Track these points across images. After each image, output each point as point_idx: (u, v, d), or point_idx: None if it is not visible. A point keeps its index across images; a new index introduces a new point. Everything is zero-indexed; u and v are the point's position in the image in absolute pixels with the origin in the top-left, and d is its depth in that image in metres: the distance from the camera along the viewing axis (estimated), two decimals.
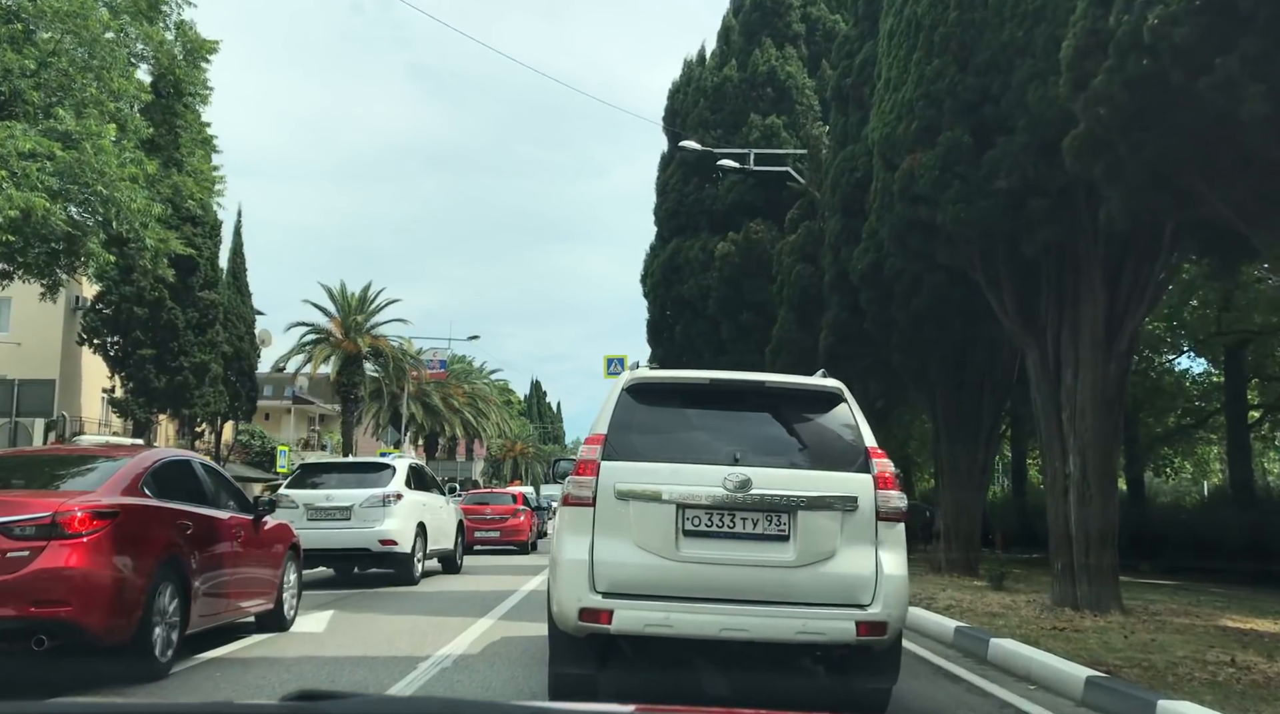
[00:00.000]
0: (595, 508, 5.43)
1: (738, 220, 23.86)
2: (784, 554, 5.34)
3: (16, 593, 5.68)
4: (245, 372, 44.42)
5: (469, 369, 64.55)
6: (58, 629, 5.83)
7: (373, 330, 45.70)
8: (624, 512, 5.40)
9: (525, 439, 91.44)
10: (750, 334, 23.68)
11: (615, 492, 5.41)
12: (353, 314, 45.02)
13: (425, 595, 12.32)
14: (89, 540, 5.90)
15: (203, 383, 35.48)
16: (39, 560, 5.76)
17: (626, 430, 5.62)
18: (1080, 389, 11.11)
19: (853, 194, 16.05)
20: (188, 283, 34.48)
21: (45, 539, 5.80)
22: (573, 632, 5.42)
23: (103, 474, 6.65)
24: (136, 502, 6.52)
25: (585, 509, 5.45)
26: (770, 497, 5.36)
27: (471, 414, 58.89)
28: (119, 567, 6.07)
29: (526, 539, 22.97)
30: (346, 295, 45.71)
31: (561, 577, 5.45)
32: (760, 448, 5.61)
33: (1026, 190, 10.37)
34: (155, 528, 6.60)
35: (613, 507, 5.41)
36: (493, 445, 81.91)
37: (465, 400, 58.20)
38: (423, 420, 53.45)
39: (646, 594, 5.31)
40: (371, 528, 13.12)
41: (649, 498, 5.38)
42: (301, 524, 12.10)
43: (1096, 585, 10.87)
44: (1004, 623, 9.35)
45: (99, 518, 6.02)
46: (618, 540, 5.37)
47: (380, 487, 13.50)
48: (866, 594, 5.32)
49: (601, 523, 5.41)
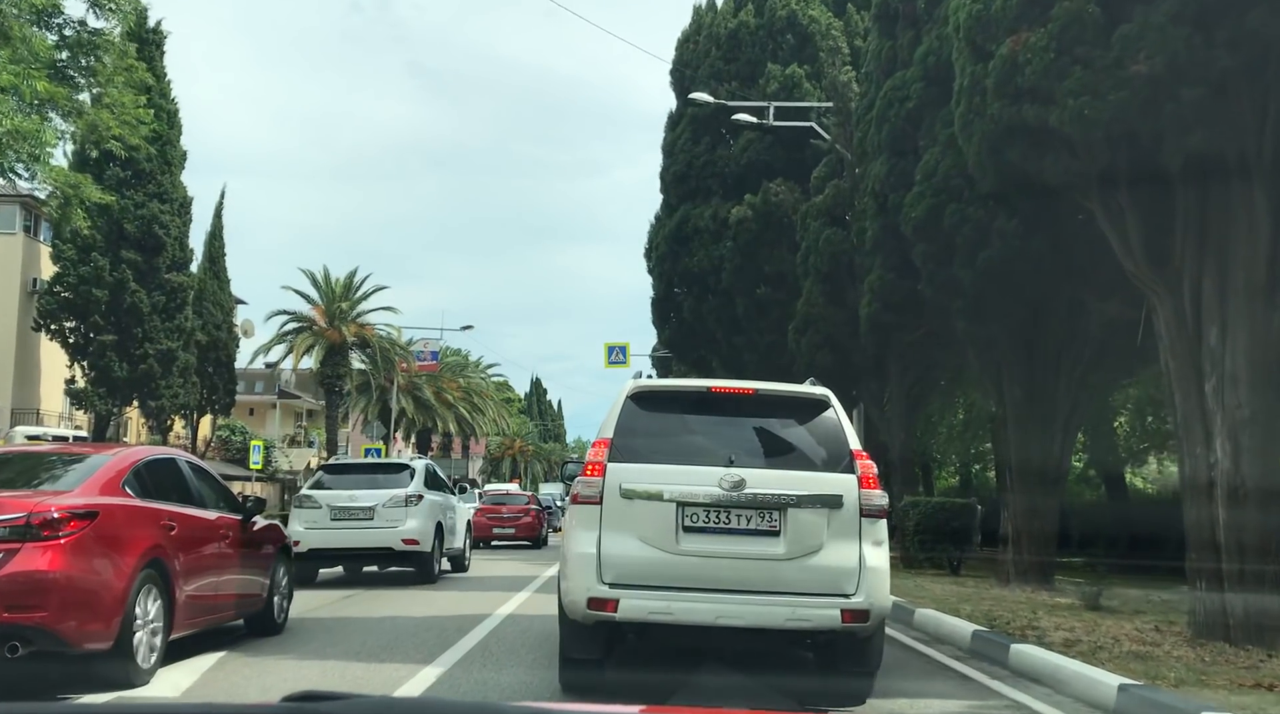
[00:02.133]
0: (602, 506, 5.88)
1: (754, 183, 21.12)
2: (775, 548, 5.80)
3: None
4: (223, 362, 41.58)
5: (464, 362, 61.75)
6: (33, 635, 5.54)
7: (359, 318, 42.90)
8: (629, 509, 5.86)
9: (525, 437, 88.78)
10: (769, 310, 20.97)
11: (621, 491, 5.86)
12: (337, 301, 42.20)
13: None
14: (66, 542, 5.69)
15: (170, 372, 32.64)
16: (12, 563, 5.54)
17: (631, 435, 6.05)
18: (1230, 352, 8.40)
19: (903, 130, 13.33)
20: (153, 263, 31.72)
21: (19, 541, 5.59)
22: (581, 620, 5.89)
23: (82, 473, 6.42)
24: (117, 502, 6.30)
25: (593, 507, 5.91)
26: (763, 496, 5.80)
27: (466, 409, 56.13)
28: (98, 570, 5.86)
29: (537, 535, 25.49)
30: (330, 281, 42.91)
31: (571, 569, 5.92)
32: (753, 451, 6.07)
33: (1174, 78, 7.63)
34: (137, 529, 6.34)
35: (618, 505, 5.86)
36: (491, 443, 79.29)
37: (460, 395, 55.43)
38: (414, 415, 50.60)
39: (649, 585, 5.77)
40: (395, 528, 13.32)
41: (651, 497, 5.84)
42: (325, 524, 13.06)
43: (1256, 613, 8.14)
44: (1174, 672, 6.60)
45: (76, 519, 5.80)
46: (623, 536, 5.83)
47: (402, 488, 13.65)
48: (851, 584, 5.75)
49: (608, 520, 5.86)
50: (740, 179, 21.63)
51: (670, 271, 22.97)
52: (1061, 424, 13.48)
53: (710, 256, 21.57)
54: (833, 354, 18.74)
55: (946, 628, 8.97)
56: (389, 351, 43.61)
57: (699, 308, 22.45)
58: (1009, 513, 13.73)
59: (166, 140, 32.29)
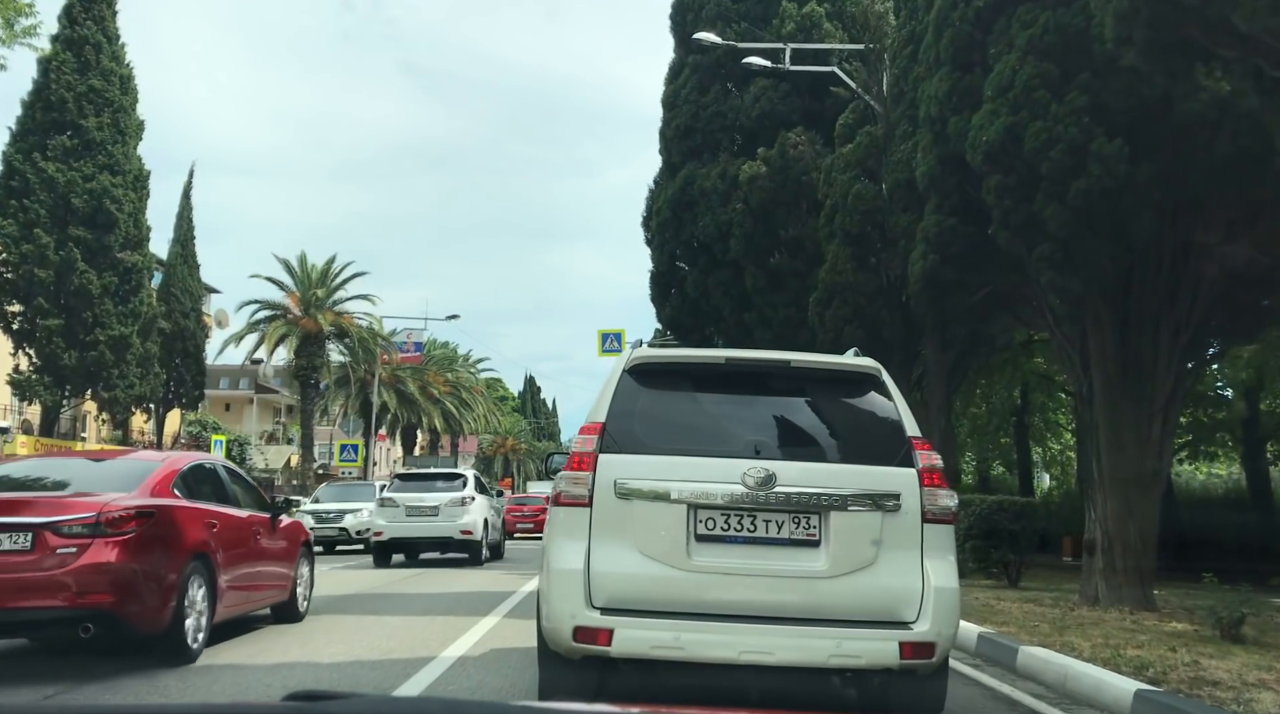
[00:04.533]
0: (592, 508, 4.75)
1: (768, 137, 18.47)
2: (814, 563, 4.67)
3: (66, 585, 6.09)
4: (190, 353, 38.84)
5: (452, 356, 59.05)
6: (101, 619, 6.19)
7: (336, 307, 40.17)
8: (626, 513, 4.72)
9: (517, 434, 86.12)
10: (784, 281, 18.33)
11: (616, 489, 4.74)
12: (313, 288, 39.47)
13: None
14: (128, 538, 6.33)
15: (125, 360, 29.85)
16: (85, 556, 6.18)
17: (629, 418, 4.90)
18: None
19: (970, 36, 10.71)
20: (104, 242, 28.95)
21: (90, 537, 6.22)
22: (565, 653, 4.74)
23: (138, 477, 7.04)
24: (169, 502, 6.94)
25: (580, 510, 4.75)
26: (798, 495, 4.67)
27: (454, 404, 53.42)
28: (155, 562, 6.50)
29: None
30: (306, 267, 40.16)
31: (553, 589, 4.74)
32: (785, 438, 5.00)
33: None
34: (185, 526, 6.97)
35: (613, 507, 4.73)
36: (483, 441, 76.56)
37: (446, 389, 52.72)
38: (397, 410, 47.85)
39: (653, 610, 4.62)
40: (454, 522, 16.95)
41: (655, 497, 4.71)
42: (401, 520, 16.78)
43: None
44: None
45: (137, 517, 6.45)
46: (619, 547, 4.70)
47: (459, 491, 17.40)
48: (911, 610, 4.61)
49: (599, 526, 4.74)
50: (752, 135, 18.97)
51: (672, 241, 20.28)
52: (1161, 405, 10.87)
53: (717, 221, 18.88)
54: (863, 329, 16.12)
55: (1083, 683, 6.24)
56: (369, 342, 40.89)
57: (704, 281, 19.79)
58: (1096, 515, 11.11)
59: (120, 107, 29.54)
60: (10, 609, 6.06)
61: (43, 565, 6.09)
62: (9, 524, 6.14)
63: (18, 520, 6.15)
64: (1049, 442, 37.20)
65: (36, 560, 6.09)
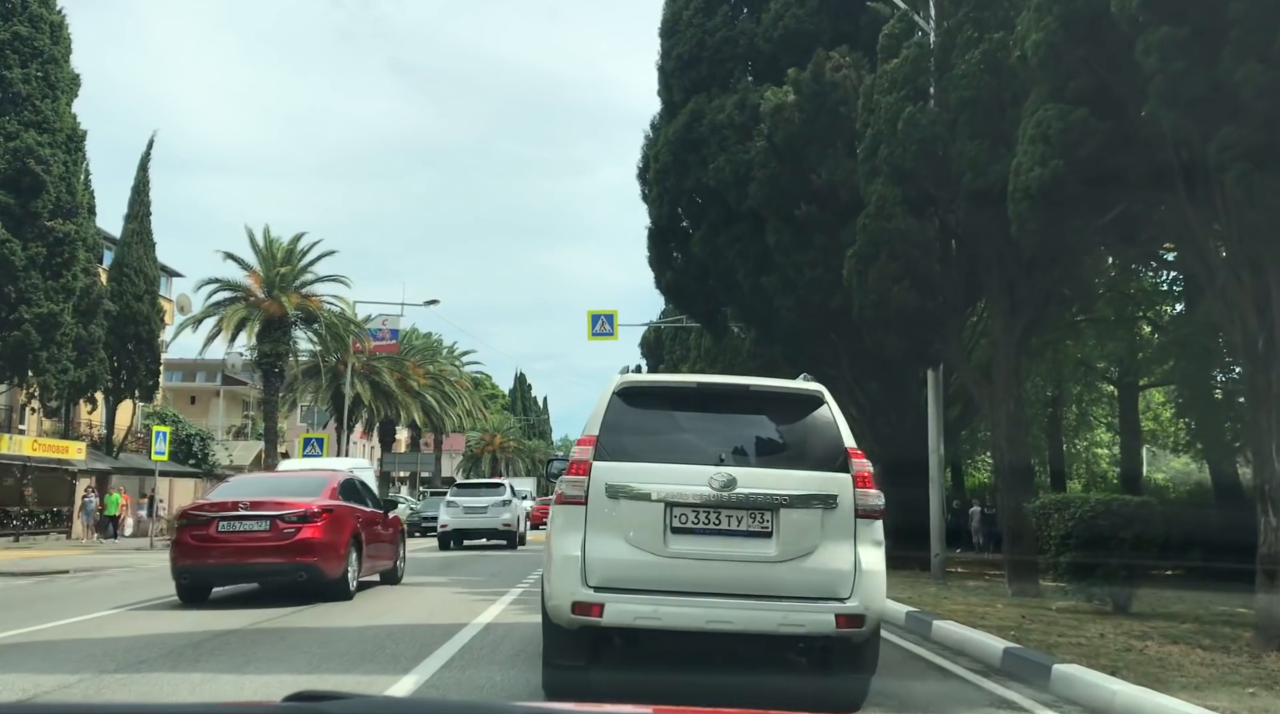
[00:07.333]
0: (587, 506, 5.72)
1: (794, 61, 15.28)
2: (767, 550, 5.63)
3: (290, 550, 10.92)
4: (143, 339, 35.40)
5: (434, 347, 55.69)
6: (309, 570, 10.96)
7: (302, 288, 36.86)
8: (615, 509, 5.69)
9: (506, 432, 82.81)
10: (813, 236, 15.17)
11: (606, 490, 5.71)
12: (277, 266, 36.13)
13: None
14: (322, 523, 11.17)
15: (53, 341, 26.53)
16: (300, 533, 10.99)
17: (617, 432, 5.89)
18: None
19: None
20: (30, 208, 25.56)
21: (302, 522, 11.07)
22: (566, 624, 5.73)
23: (320, 487, 11.91)
24: (337, 503, 11.68)
25: (578, 507, 5.75)
26: (754, 495, 5.63)
27: (435, 398, 50.08)
28: (334, 538, 11.29)
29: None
30: (271, 243, 36.81)
31: (555, 572, 5.74)
32: (745, 448, 5.95)
33: None
34: (346, 518, 11.67)
35: (604, 505, 5.70)
36: (470, 438, 73.21)
37: (427, 382, 49.39)
38: (371, 403, 44.49)
39: (636, 588, 5.63)
40: (499, 518, 24.76)
41: (639, 496, 5.67)
42: (460, 516, 24.75)
43: None
44: None
45: (324, 512, 11.27)
46: (609, 537, 5.67)
47: (501, 496, 25.38)
48: (845, 588, 5.60)
49: (593, 520, 5.70)
50: (772, 59, 15.81)
51: (674, 190, 17.04)
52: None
53: (733, 163, 15.64)
54: (916, 288, 13.00)
55: None
56: (339, 328, 37.60)
57: (713, 239, 16.57)
58: (1276, 520, 7.96)
59: (50, 58, 26.19)
60: (257, 563, 10.99)
61: (276, 539, 10.95)
62: (257, 515, 11.08)
63: (262, 513, 11.10)
64: (1078, 439, 34.22)
65: (272, 535, 10.97)
